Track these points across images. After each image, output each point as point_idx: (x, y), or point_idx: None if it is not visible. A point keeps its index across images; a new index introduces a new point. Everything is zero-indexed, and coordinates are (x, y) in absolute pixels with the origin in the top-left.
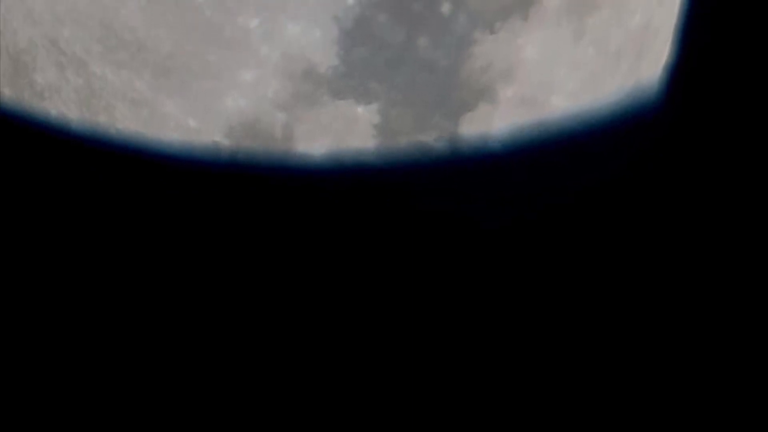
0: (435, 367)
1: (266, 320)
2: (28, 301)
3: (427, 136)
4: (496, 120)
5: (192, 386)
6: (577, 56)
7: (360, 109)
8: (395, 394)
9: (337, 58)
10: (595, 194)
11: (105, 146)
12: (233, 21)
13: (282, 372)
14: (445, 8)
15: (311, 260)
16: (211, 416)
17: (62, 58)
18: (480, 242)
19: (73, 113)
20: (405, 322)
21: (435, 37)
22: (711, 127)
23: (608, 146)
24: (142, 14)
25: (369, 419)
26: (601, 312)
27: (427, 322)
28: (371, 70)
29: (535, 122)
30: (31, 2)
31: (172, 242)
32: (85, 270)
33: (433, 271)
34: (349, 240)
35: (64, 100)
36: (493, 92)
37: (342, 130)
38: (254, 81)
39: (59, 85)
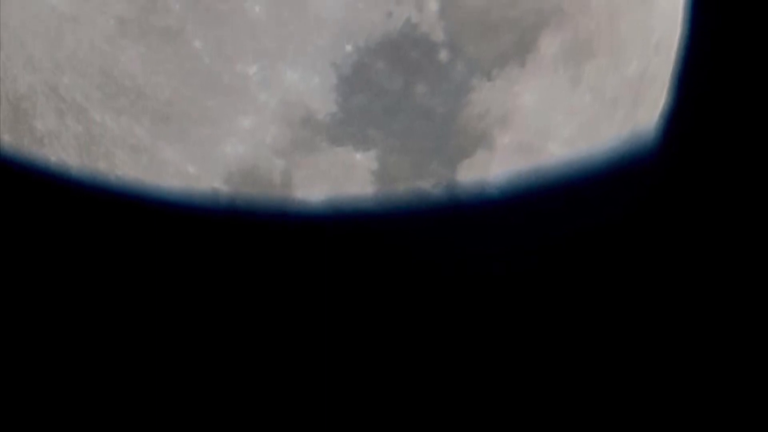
0: (434, 409)
1: (263, 363)
2: (26, 342)
3: (424, 182)
4: (494, 166)
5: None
6: (573, 103)
7: (358, 156)
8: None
9: (336, 105)
10: (591, 240)
11: (104, 192)
12: (232, 68)
13: (280, 413)
14: (443, 56)
15: (309, 305)
16: None
17: (62, 105)
18: (477, 287)
19: (72, 159)
20: (402, 367)
21: (433, 84)
22: (707, 174)
23: (604, 193)
24: (142, 61)
25: None
26: (595, 356)
27: (424, 364)
28: (369, 117)
29: (532, 168)
30: (31, 49)
31: (170, 287)
32: (85, 313)
33: (430, 316)
34: (347, 286)
35: (63, 146)
36: (490, 139)
37: (340, 176)
38: (253, 127)
39: (59, 131)
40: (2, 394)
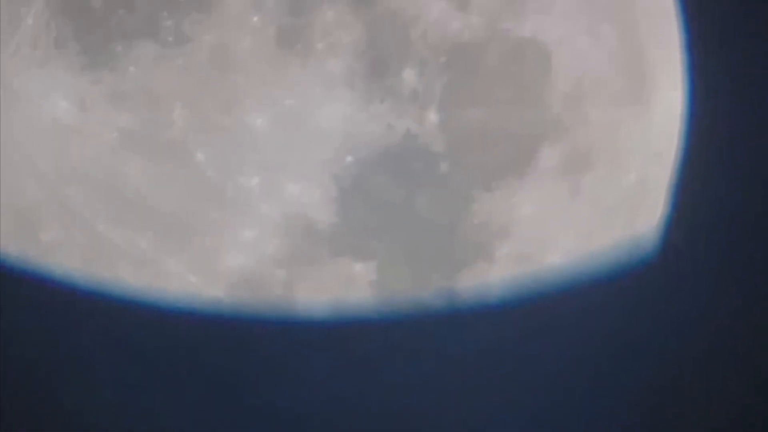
0: None
1: None
2: None
3: (424, 292)
4: (493, 277)
5: None
6: (572, 214)
7: (358, 266)
8: None
9: (336, 217)
10: (592, 349)
11: (108, 303)
12: (234, 180)
13: None
14: (443, 167)
15: (310, 414)
16: None
17: (67, 217)
18: (477, 396)
19: (77, 271)
20: None
21: (433, 195)
22: (705, 281)
23: (603, 302)
24: (145, 174)
25: None
26: None
27: None
28: (370, 228)
29: (531, 279)
30: (38, 161)
31: (170, 398)
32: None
33: (431, 422)
34: (347, 396)
35: (68, 258)
36: (490, 249)
37: (341, 287)
38: (255, 239)
39: (64, 243)
40: None
